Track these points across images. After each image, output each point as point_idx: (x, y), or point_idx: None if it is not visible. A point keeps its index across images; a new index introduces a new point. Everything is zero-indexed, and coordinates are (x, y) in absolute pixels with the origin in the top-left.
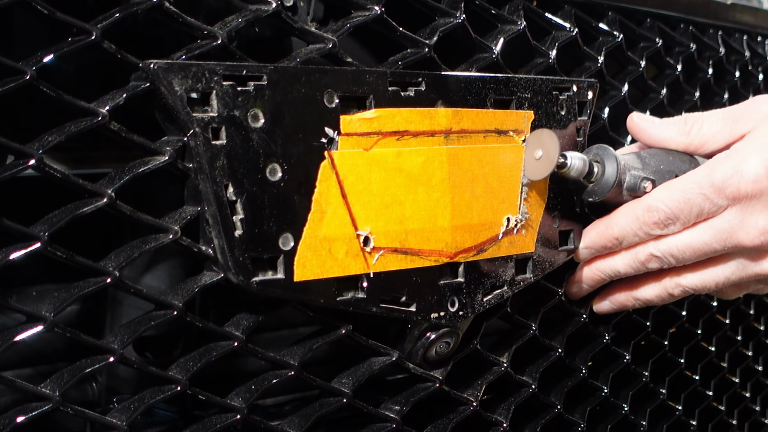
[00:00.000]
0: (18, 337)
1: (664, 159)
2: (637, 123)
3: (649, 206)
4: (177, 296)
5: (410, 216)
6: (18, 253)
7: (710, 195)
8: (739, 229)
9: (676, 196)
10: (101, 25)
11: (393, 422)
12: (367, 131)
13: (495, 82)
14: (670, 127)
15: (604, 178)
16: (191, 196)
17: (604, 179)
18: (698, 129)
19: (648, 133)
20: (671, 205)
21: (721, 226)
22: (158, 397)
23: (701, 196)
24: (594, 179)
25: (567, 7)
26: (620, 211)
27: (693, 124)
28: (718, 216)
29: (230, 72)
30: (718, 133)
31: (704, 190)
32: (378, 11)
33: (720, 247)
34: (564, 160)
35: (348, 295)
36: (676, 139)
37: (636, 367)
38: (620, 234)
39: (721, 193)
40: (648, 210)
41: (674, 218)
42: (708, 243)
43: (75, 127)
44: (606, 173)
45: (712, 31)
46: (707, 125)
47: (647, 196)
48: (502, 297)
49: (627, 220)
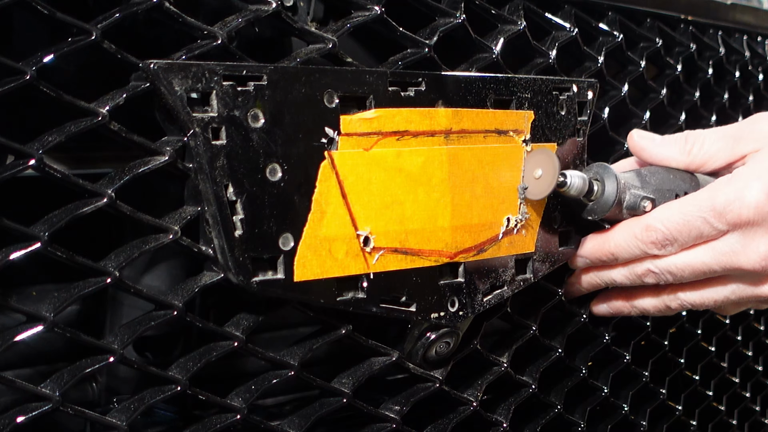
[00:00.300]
0: (18, 337)
1: (665, 178)
2: (638, 142)
3: (647, 225)
4: (177, 296)
5: (410, 216)
6: (18, 253)
7: (710, 219)
8: (740, 253)
9: (675, 217)
10: (101, 25)
11: (393, 422)
12: (367, 131)
13: (495, 82)
14: (671, 146)
15: (604, 196)
16: (191, 196)
17: (603, 198)
18: (699, 148)
19: (648, 151)
20: (670, 226)
21: (722, 249)
22: (158, 397)
23: (701, 219)
24: (594, 198)
25: (567, 7)
26: (619, 228)
27: (694, 143)
28: (718, 239)
29: (230, 72)
30: (719, 152)
31: (705, 213)
32: (378, 11)
33: (719, 269)
34: (563, 179)
35: (348, 295)
36: (677, 158)
37: (636, 367)
38: (616, 250)
39: (722, 218)
40: (646, 229)
41: (672, 239)
42: (707, 264)
43: (75, 127)
44: (606, 192)
45: (712, 31)
46: (708, 144)
47: (647, 216)
48: (502, 297)
49: (624, 238)
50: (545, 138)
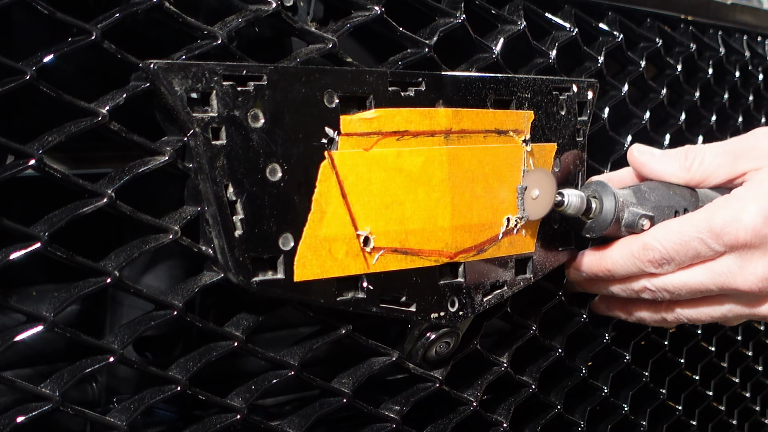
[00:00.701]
0: (18, 337)
1: (664, 194)
2: (638, 157)
3: (645, 244)
4: (177, 296)
5: (410, 216)
6: (18, 253)
7: (707, 240)
8: (737, 275)
9: (673, 237)
10: (101, 25)
11: (393, 422)
12: (367, 131)
13: (495, 82)
14: (671, 162)
15: (602, 214)
16: (191, 196)
17: (602, 216)
18: (699, 164)
19: (648, 167)
20: (667, 246)
21: (719, 269)
22: (158, 397)
23: (698, 240)
24: (592, 216)
25: (567, 7)
26: (617, 246)
27: (693, 159)
28: (716, 260)
29: (230, 72)
30: (719, 168)
31: (702, 234)
32: (378, 11)
33: (716, 289)
34: (561, 198)
35: (348, 295)
36: (677, 174)
37: (636, 367)
38: (613, 268)
39: (719, 239)
40: (644, 248)
41: (669, 259)
42: (704, 284)
43: (75, 127)
44: (604, 210)
45: (712, 31)
46: (708, 160)
47: (645, 234)
48: (502, 297)
49: (622, 256)
50: (545, 138)
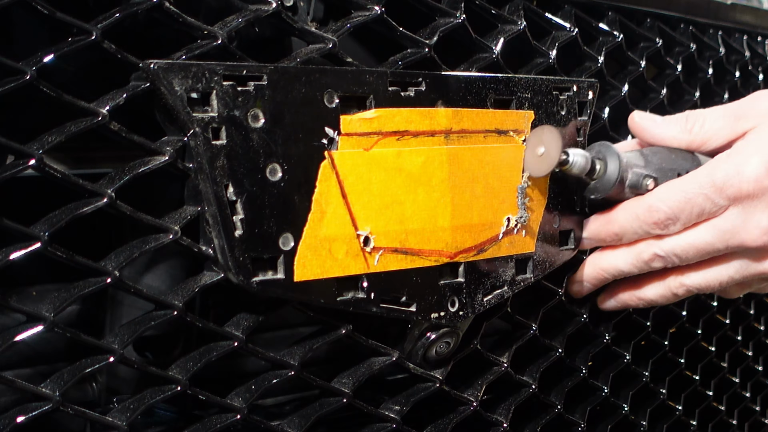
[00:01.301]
0: (18, 337)
1: (667, 157)
2: (639, 122)
3: (650, 206)
4: (177, 296)
5: (410, 216)
6: (18, 253)
7: (711, 195)
8: (741, 229)
9: (677, 196)
10: (101, 25)
11: (393, 422)
12: (367, 131)
13: (495, 82)
14: (672, 126)
15: (607, 175)
16: (191, 196)
17: (606, 177)
18: (700, 127)
19: (650, 132)
20: (672, 205)
21: (724, 226)
22: (158, 397)
23: (702, 196)
24: (596, 177)
25: (567, 7)
26: (621, 208)
27: (694, 122)
28: (719, 216)
29: (230, 72)
30: (720, 130)
31: (705, 189)
32: (378, 11)
33: (723, 247)
34: (566, 157)
35: (348, 295)
36: (678, 138)
37: (636, 367)
38: (620, 231)
39: (722, 193)
40: (649, 209)
41: (675, 218)
42: (711, 243)
43: (75, 127)
44: (608, 170)
45: (712, 31)
46: (709, 123)
47: (649, 195)
48: (502, 297)
49: (627, 218)
50: None
